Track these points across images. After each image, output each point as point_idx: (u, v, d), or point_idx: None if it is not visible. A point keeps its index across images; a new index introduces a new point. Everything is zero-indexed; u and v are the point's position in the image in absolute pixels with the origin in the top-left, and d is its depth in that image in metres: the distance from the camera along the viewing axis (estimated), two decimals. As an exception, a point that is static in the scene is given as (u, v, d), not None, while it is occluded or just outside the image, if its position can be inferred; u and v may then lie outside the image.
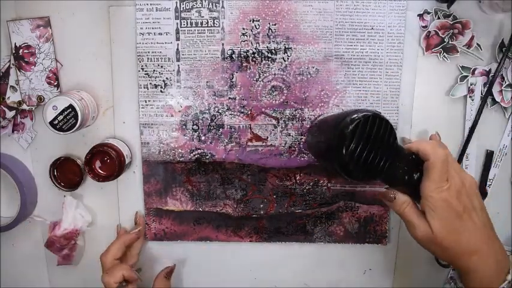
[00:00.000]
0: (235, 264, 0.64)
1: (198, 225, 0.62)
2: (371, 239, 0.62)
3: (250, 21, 0.57)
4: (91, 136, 0.60)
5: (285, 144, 0.60)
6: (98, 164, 0.58)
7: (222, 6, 0.57)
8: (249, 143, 0.60)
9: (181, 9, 0.57)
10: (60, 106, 0.53)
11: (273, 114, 0.59)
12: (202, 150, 0.60)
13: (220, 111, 0.59)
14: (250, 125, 0.59)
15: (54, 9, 0.57)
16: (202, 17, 0.57)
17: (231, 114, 0.59)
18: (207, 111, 0.59)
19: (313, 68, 0.58)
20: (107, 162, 0.57)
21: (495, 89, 0.59)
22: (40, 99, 0.58)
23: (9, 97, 0.59)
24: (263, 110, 0.59)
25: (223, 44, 0.58)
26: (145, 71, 0.58)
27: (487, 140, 0.61)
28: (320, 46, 0.58)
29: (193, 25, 0.57)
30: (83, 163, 0.57)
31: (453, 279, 0.49)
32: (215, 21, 0.57)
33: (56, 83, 0.58)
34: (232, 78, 0.58)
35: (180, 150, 0.60)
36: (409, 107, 0.59)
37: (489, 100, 0.59)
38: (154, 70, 0.58)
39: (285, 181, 0.61)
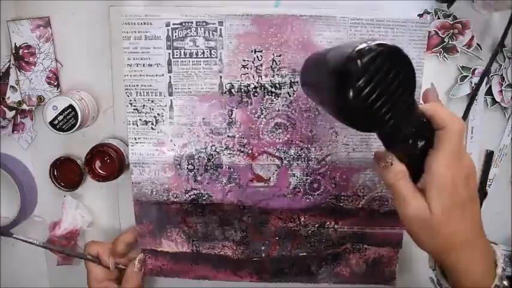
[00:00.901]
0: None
1: (195, 265, 0.58)
2: (379, 280, 0.59)
3: (251, 51, 0.51)
4: (91, 136, 0.59)
5: (289, 185, 0.55)
6: (98, 164, 0.57)
7: (220, 35, 0.50)
8: (250, 184, 0.54)
9: (174, 37, 0.50)
10: (60, 106, 0.52)
11: (277, 154, 0.54)
12: (198, 191, 0.55)
13: (218, 150, 0.53)
14: (251, 164, 0.54)
15: (54, 9, 0.56)
16: (198, 46, 0.50)
17: (229, 154, 0.53)
18: (203, 150, 0.53)
19: (321, 104, 0.52)
20: (107, 162, 0.56)
21: (495, 89, 0.58)
22: (40, 99, 0.58)
23: (9, 97, 0.59)
24: (265, 149, 0.53)
25: (221, 77, 0.51)
26: (134, 106, 0.52)
27: (487, 140, 0.60)
28: (330, 80, 0.51)
29: (188, 56, 0.51)
30: (83, 163, 0.57)
31: (434, 282, 0.45)
32: (212, 52, 0.51)
33: (56, 83, 0.58)
34: (231, 114, 0.52)
35: (174, 191, 0.54)
36: None
37: (489, 100, 0.59)
38: (144, 105, 0.52)
39: (288, 223, 0.56)
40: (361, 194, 0.55)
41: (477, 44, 0.57)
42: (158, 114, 0.52)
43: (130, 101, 0.52)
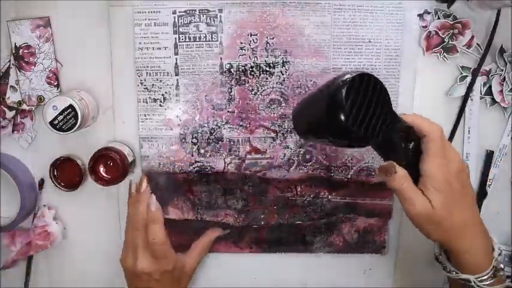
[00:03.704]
0: (235, 272, 0.65)
1: (198, 236, 0.63)
2: (370, 249, 0.63)
3: (248, 35, 0.58)
4: (91, 136, 0.60)
5: (284, 156, 0.60)
6: (101, 168, 0.58)
7: (220, 21, 0.57)
8: (248, 156, 0.60)
9: (180, 23, 0.57)
10: (60, 106, 0.53)
11: (272, 127, 0.60)
12: (201, 163, 0.60)
13: (219, 124, 0.59)
14: (249, 138, 0.60)
15: (54, 9, 0.57)
16: (201, 31, 0.57)
17: (229, 128, 0.59)
18: (206, 125, 0.59)
19: (311, 81, 0.58)
20: (110, 166, 0.57)
21: (495, 89, 0.59)
22: (40, 99, 0.59)
23: (9, 97, 0.59)
24: (262, 123, 0.59)
25: (221, 58, 0.58)
26: (144, 85, 0.59)
27: (487, 140, 0.61)
28: (318, 59, 0.58)
29: (192, 39, 0.58)
30: (88, 169, 0.58)
31: (440, 262, 0.50)
32: (213, 36, 0.58)
33: (56, 83, 0.58)
34: (231, 92, 0.59)
35: (179, 163, 0.60)
36: (409, 110, 0.59)
37: (488, 100, 0.60)
38: (153, 84, 0.59)
39: (286, 192, 0.61)
40: (350, 165, 0.60)
41: (477, 44, 0.57)
42: (166, 92, 0.59)
43: (141, 81, 0.58)
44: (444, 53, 0.58)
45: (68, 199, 0.62)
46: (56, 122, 0.53)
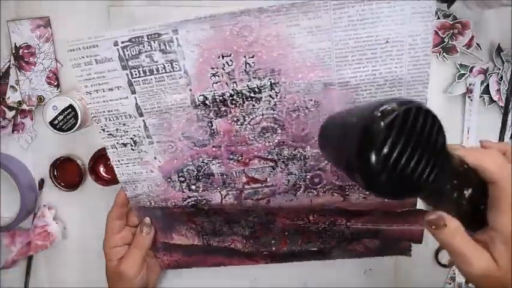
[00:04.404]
0: (233, 274, 0.63)
1: (209, 255, 0.60)
2: (394, 252, 0.58)
3: (218, 57, 0.43)
4: (91, 136, 0.59)
5: (288, 182, 0.51)
6: (101, 168, 0.59)
7: (178, 45, 0.42)
8: (246, 186, 0.51)
9: (127, 56, 0.43)
10: (60, 106, 0.52)
11: (269, 157, 0.49)
12: (196, 198, 0.53)
13: (205, 161, 0.49)
14: (243, 169, 0.50)
15: (54, 9, 0.57)
16: (156, 62, 0.43)
17: (219, 163, 0.50)
18: (191, 163, 0.50)
19: (311, 101, 0.45)
20: (110, 166, 0.54)
21: (492, 88, 0.57)
22: (40, 99, 0.59)
23: (9, 97, 0.59)
24: (256, 154, 0.49)
25: (191, 90, 0.45)
26: (107, 131, 0.48)
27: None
28: (317, 75, 0.43)
29: (148, 73, 0.44)
30: (88, 169, 0.59)
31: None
32: (174, 65, 0.43)
33: (56, 83, 0.58)
34: (212, 125, 0.47)
35: (172, 200, 0.53)
36: None
37: (486, 99, 0.58)
38: (117, 129, 0.48)
39: (297, 221, 0.54)
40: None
41: (477, 44, 0.56)
42: (134, 135, 0.48)
43: (102, 127, 0.48)
44: (444, 53, 0.57)
45: (68, 199, 0.62)
46: (56, 122, 0.53)
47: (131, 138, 0.48)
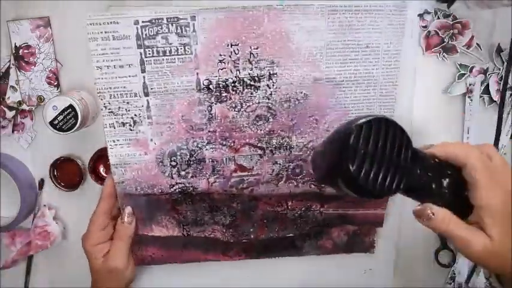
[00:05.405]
0: (230, 278, 0.64)
1: (185, 249, 0.60)
2: (359, 249, 0.63)
3: (227, 45, 0.49)
4: (91, 136, 0.59)
5: (272, 172, 0.56)
6: (101, 168, 0.59)
7: (193, 30, 0.48)
8: (233, 174, 0.55)
9: (144, 36, 0.47)
10: (60, 106, 0.52)
11: (259, 145, 0.54)
12: (183, 185, 0.55)
13: (199, 145, 0.53)
14: (234, 156, 0.54)
15: (54, 9, 0.56)
16: (171, 44, 0.48)
17: (212, 148, 0.53)
18: (185, 147, 0.53)
19: (301, 93, 0.52)
20: (109, 166, 0.55)
21: (492, 88, 0.58)
22: (40, 99, 0.58)
23: (9, 97, 0.59)
24: (247, 141, 0.54)
25: (197, 74, 0.50)
26: (109, 109, 0.50)
27: (487, 140, 0.59)
28: (309, 69, 0.51)
29: (161, 54, 0.48)
30: (88, 169, 0.59)
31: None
32: (186, 48, 0.48)
33: (56, 83, 0.58)
34: (211, 110, 0.51)
35: (159, 187, 0.55)
36: (408, 110, 0.56)
37: (486, 99, 0.59)
38: (119, 107, 0.50)
39: (277, 207, 0.58)
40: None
41: (477, 44, 0.56)
42: (135, 115, 0.51)
43: (105, 103, 0.50)
44: (444, 53, 0.57)
45: (68, 199, 0.62)
46: (56, 122, 0.52)
47: (131, 118, 0.51)
